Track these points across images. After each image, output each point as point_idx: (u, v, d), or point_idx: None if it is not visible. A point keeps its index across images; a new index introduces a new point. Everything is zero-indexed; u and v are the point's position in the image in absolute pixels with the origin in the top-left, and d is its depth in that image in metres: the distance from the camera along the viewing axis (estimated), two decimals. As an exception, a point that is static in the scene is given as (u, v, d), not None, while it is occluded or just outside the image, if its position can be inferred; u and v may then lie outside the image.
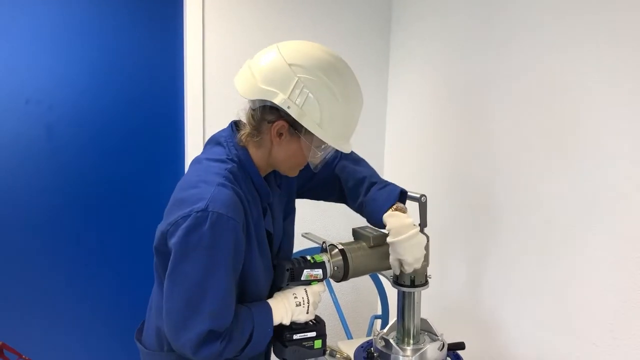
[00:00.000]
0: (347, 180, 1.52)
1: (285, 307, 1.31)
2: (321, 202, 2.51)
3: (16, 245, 2.13)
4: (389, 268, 1.48)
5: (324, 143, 1.26)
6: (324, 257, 1.38)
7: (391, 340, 1.51)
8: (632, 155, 1.48)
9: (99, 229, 2.23)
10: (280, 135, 1.25)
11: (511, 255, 1.89)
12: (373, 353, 1.55)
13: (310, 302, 1.33)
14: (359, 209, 1.51)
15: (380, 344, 1.54)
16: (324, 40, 2.43)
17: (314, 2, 2.41)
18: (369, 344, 1.63)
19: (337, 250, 1.42)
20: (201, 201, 1.16)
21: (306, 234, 1.97)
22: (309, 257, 1.37)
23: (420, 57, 2.39)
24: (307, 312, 1.33)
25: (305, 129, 1.22)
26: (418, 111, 2.41)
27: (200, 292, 1.18)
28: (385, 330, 1.59)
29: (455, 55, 2.15)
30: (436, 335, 1.56)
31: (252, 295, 1.33)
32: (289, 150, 1.27)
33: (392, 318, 1.62)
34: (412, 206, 1.54)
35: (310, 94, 1.18)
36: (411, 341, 1.53)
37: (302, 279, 1.33)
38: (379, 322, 2.26)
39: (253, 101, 1.25)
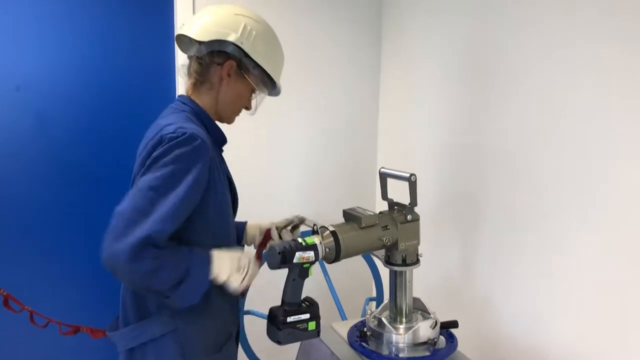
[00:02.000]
0: None
1: (228, 265, 1.26)
2: (312, 187, 2.55)
3: (7, 230, 2.14)
4: (380, 248, 1.49)
5: (263, 83, 1.43)
6: (316, 239, 1.39)
7: (384, 319, 1.52)
8: (622, 136, 1.49)
9: (90, 218, 2.23)
10: (228, 75, 1.39)
11: (503, 235, 1.90)
12: (366, 332, 1.57)
13: (249, 274, 1.29)
14: None
15: (373, 323, 1.56)
16: (314, 13, 2.47)
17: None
18: (363, 323, 1.65)
19: (328, 232, 1.42)
20: (170, 126, 1.25)
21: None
22: (300, 240, 1.38)
23: (413, 33, 2.38)
24: (241, 282, 1.28)
25: (251, 69, 1.39)
26: (412, 91, 2.41)
27: (154, 198, 1.17)
28: (378, 310, 1.61)
29: (451, 31, 2.15)
30: (429, 314, 1.57)
31: (222, 237, 1.36)
32: (235, 90, 1.41)
33: (387, 300, 1.63)
34: (402, 185, 1.55)
35: (255, 33, 1.38)
36: (404, 320, 1.54)
37: (294, 261, 1.34)
38: (373, 304, 2.27)
39: (199, 49, 1.37)
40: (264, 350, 2.28)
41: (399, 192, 1.57)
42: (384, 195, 1.59)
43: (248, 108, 1.49)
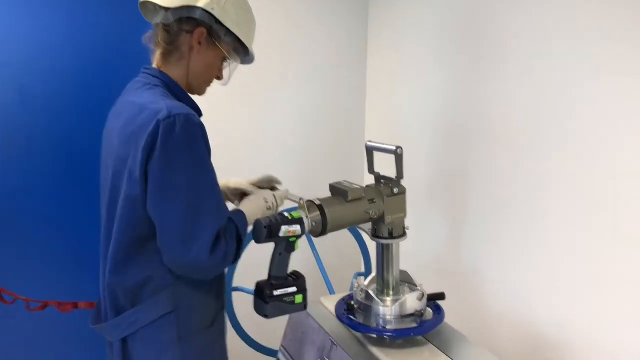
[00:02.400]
0: None
1: (258, 208, 1.40)
2: (299, 162, 2.53)
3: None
4: (367, 221, 1.49)
5: (235, 51, 1.37)
6: (302, 213, 1.38)
7: (371, 292, 1.53)
8: (610, 112, 1.49)
9: (75, 193, 2.21)
10: (199, 44, 1.32)
11: (491, 209, 1.91)
12: (353, 305, 1.57)
13: (278, 205, 1.45)
14: None
15: (360, 296, 1.56)
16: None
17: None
18: (350, 297, 1.65)
19: (314, 205, 1.42)
20: (161, 111, 1.18)
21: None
22: (286, 214, 1.37)
23: (401, 8, 2.35)
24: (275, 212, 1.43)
25: (222, 36, 1.32)
26: (399, 68, 2.39)
27: (196, 195, 1.18)
28: (365, 283, 1.61)
29: (439, 7, 2.13)
30: (416, 286, 1.58)
31: None
32: (207, 59, 1.35)
33: (374, 273, 1.63)
34: (389, 161, 1.55)
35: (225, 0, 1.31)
36: (391, 292, 1.55)
37: (281, 235, 1.33)
38: (361, 279, 2.28)
39: (166, 16, 1.29)
40: (253, 327, 2.30)
41: (386, 167, 1.57)
42: (371, 169, 1.59)
43: (220, 78, 1.42)
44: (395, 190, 1.49)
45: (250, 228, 1.36)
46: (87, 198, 2.20)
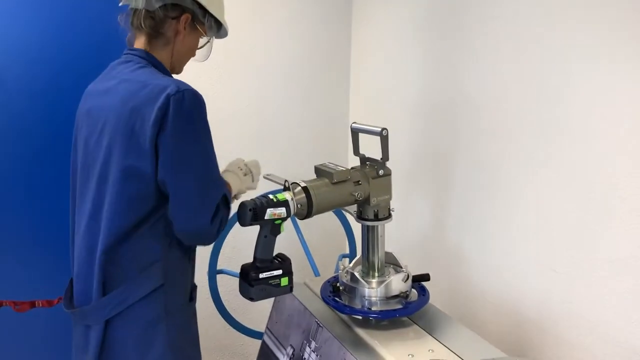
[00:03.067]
0: None
1: (237, 177, 1.45)
2: (283, 144, 2.51)
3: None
4: (352, 203, 1.49)
5: (212, 30, 1.43)
6: (287, 195, 1.37)
7: (356, 274, 1.53)
8: (596, 91, 1.49)
9: (50, 179, 2.17)
10: (184, 28, 1.38)
11: (474, 190, 1.91)
12: (339, 287, 1.57)
13: (254, 172, 1.49)
14: None
15: (345, 278, 1.56)
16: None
17: None
18: (336, 279, 1.66)
19: (299, 187, 1.41)
20: (169, 87, 1.22)
21: (268, 175, 1.94)
22: (271, 196, 1.36)
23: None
24: (253, 181, 1.50)
25: (202, 18, 1.39)
26: (383, 48, 2.38)
27: (206, 166, 1.27)
28: (351, 265, 1.62)
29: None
30: (401, 268, 1.59)
31: None
32: (190, 42, 1.42)
33: (359, 255, 1.64)
34: (374, 143, 1.54)
35: None
36: (376, 274, 1.55)
37: (266, 218, 1.32)
38: (346, 260, 2.28)
39: (149, 3, 1.32)
40: (238, 309, 2.30)
41: (370, 149, 1.56)
42: (356, 151, 1.58)
43: (194, 55, 1.49)
44: (381, 172, 1.49)
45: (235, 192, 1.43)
46: (62, 185, 2.17)
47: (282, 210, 1.34)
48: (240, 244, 2.37)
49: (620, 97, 1.42)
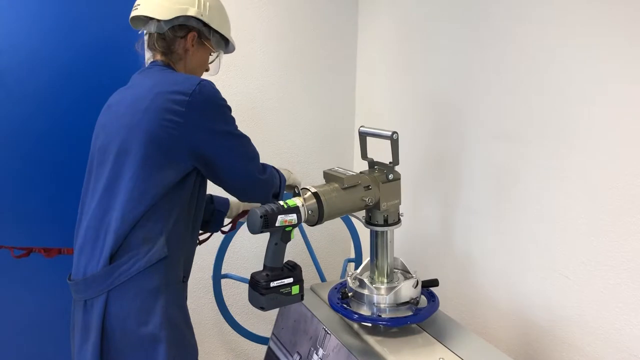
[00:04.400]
0: None
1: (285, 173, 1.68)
2: (289, 150, 2.49)
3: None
4: (363, 208, 1.46)
5: (219, 46, 1.58)
6: (298, 202, 1.34)
7: (366, 280, 1.51)
8: (607, 94, 1.47)
9: (52, 180, 2.15)
10: (192, 46, 1.52)
11: (482, 193, 1.89)
12: (347, 293, 1.55)
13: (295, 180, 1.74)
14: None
15: (354, 284, 1.54)
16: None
17: None
18: (343, 285, 1.63)
19: (310, 193, 1.38)
20: (191, 79, 1.39)
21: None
22: (282, 203, 1.33)
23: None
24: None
25: (209, 36, 1.53)
26: (390, 50, 2.35)
27: (245, 142, 1.48)
28: (358, 270, 1.59)
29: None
30: (409, 273, 1.56)
31: None
32: (199, 57, 1.56)
33: (366, 260, 1.61)
34: (379, 146, 1.52)
35: (208, 4, 1.51)
36: (385, 280, 1.53)
37: (277, 224, 1.29)
38: (352, 265, 2.27)
39: (159, 26, 1.47)
40: (242, 313, 2.28)
41: (375, 153, 1.54)
42: (364, 155, 1.56)
43: (207, 70, 1.64)
44: (390, 176, 1.46)
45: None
46: (64, 185, 2.16)
47: (293, 217, 1.31)
48: (244, 249, 2.35)
49: (634, 101, 1.40)
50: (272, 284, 1.29)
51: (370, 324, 1.49)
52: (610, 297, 1.49)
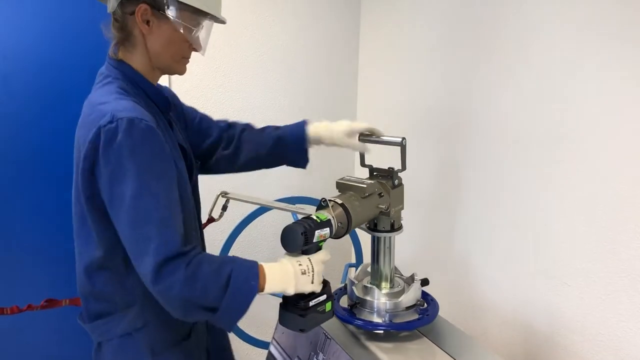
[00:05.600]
0: (254, 129, 1.60)
1: (290, 273, 1.17)
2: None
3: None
4: (377, 216, 1.45)
5: (195, 16, 1.21)
6: (327, 214, 1.27)
7: (367, 285, 1.51)
8: (598, 90, 1.47)
9: (55, 185, 2.15)
10: (147, 22, 1.19)
11: (482, 199, 1.90)
12: (355, 302, 1.53)
13: (315, 271, 1.20)
14: (273, 150, 1.52)
15: (355, 289, 1.54)
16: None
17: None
18: (343, 289, 1.64)
19: (335, 204, 1.32)
20: (104, 116, 1.08)
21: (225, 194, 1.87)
22: (314, 217, 1.25)
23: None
24: (312, 282, 1.20)
25: (169, 5, 1.17)
26: (391, 56, 2.36)
27: (141, 205, 1.07)
28: (356, 275, 1.59)
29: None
30: (404, 277, 1.57)
31: (187, 221, 1.21)
32: (163, 37, 1.20)
33: (363, 266, 1.62)
34: (378, 151, 1.52)
35: None
36: (387, 285, 1.53)
37: (314, 240, 1.21)
38: (352, 270, 2.26)
39: (111, 4, 1.20)
40: (243, 319, 2.28)
41: (374, 158, 1.55)
42: (363, 162, 1.56)
43: (197, 49, 1.27)
44: (396, 182, 1.47)
45: (270, 288, 1.17)
46: (67, 191, 2.14)
47: (326, 231, 1.23)
48: (245, 254, 2.35)
49: (635, 110, 1.40)
50: (311, 303, 1.21)
51: (370, 329, 1.49)
52: (610, 304, 1.50)
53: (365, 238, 1.70)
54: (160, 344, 1.25)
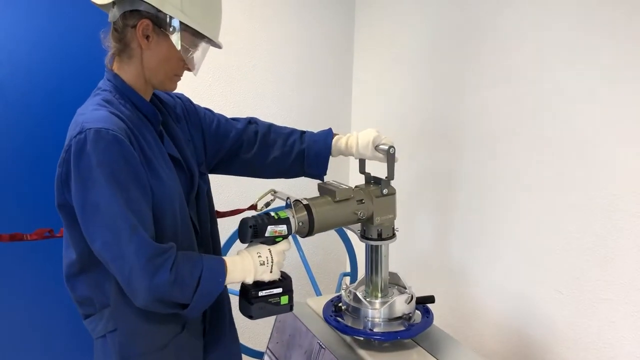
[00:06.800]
0: (277, 134, 1.59)
1: (249, 264, 1.25)
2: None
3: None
4: (355, 222, 1.47)
5: (193, 38, 1.23)
6: (289, 213, 1.35)
7: (359, 294, 1.51)
8: (596, 101, 1.48)
9: (47, 189, 2.14)
10: (147, 37, 1.20)
11: (477, 209, 1.90)
12: (341, 307, 1.55)
13: (275, 261, 1.28)
14: (298, 158, 1.56)
15: (348, 298, 1.54)
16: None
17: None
18: (338, 299, 1.63)
19: (301, 205, 1.39)
20: (77, 127, 1.13)
21: (275, 192, 1.92)
22: (272, 213, 1.34)
23: (389, 9, 2.34)
24: (271, 272, 1.27)
25: (171, 24, 1.19)
26: (385, 63, 2.37)
27: (114, 212, 1.10)
28: (354, 285, 1.59)
29: (428, 3, 2.11)
30: (405, 288, 1.56)
31: (171, 230, 1.25)
32: (160, 54, 1.22)
33: (361, 275, 1.62)
34: (375, 162, 1.52)
35: None
36: (379, 294, 1.53)
37: (267, 235, 1.30)
38: (347, 279, 2.26)
39: (113, 13, 1.21)
40: (237, 328, 2.27)
41: (372, 168, 1.55)
42: (362, 169, 1.57)
43: (190, 68, 1.28)
44: (385, 191, 1.47)
45: (231, 279, 1.25)
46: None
47: (283, 228, 1.31)
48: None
49: (628, 118, 1.41)
50: (261, 293, 1.29)
51: (363, 338, 1.49)
52: (602, 312, 1.50)
53: (360, 248, 1.70)
54: (130, 351, 1.25)
